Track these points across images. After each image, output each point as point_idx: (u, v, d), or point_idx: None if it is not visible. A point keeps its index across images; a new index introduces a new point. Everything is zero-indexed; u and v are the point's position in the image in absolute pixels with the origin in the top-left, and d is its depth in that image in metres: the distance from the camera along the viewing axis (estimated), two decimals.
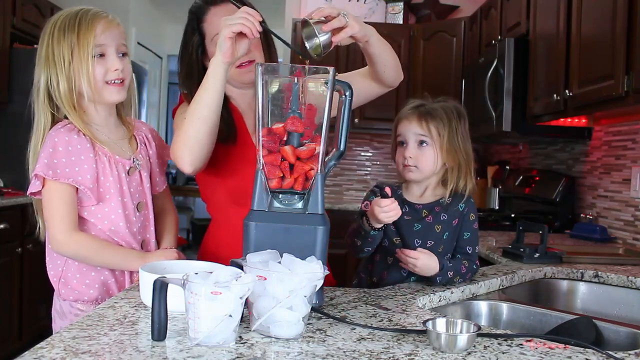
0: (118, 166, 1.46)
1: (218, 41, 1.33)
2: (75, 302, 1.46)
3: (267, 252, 1.09)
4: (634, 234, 2.48)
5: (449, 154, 1.51)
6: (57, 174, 1.35)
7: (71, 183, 1.37)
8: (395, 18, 4.58)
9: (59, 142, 1.37)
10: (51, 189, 1.37)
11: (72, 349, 0.90)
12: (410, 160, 1.52)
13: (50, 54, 1.40)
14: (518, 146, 3.80)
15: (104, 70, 1.41)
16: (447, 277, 1.45)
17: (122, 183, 1.46)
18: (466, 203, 1.55)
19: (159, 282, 0.96)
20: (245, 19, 1.29)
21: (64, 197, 1.37)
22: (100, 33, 1.40)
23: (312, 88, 1.22)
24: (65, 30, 1.39)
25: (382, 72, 1.57)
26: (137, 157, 1.52)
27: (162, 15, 6.43)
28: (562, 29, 2.48)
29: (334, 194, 4.82)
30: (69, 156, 1.37)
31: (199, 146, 1.39)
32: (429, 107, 1.54)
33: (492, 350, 0.99)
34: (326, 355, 0.93)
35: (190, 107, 1.39)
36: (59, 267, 1.46)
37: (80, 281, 1.45)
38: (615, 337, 1.36)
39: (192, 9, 1.61)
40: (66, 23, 1.40)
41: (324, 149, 1.18)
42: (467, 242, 1.54)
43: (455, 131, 1.52)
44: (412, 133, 1.53)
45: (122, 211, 1.45)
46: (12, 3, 3.79)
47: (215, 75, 1.35)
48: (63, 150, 1.37)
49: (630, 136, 2.55)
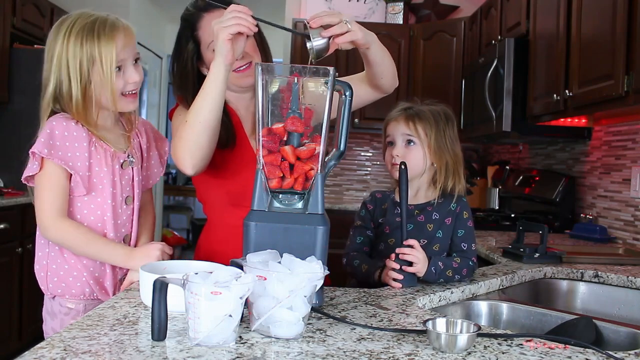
0: (113, 159, 1.47)
1: (216, 46, 1.32)
2: (62, 297, 1.47)
3: (267, 252, 1.09)
4: (634, 234, 2.48)
5: (437, 154, 1.56)
6: (51, 154, 1.38)
7: (64, 166, 1.39)
8: (395, 18, 4.58)
9: (56, 126, 1.40)
10: (45, 172, 1.39)
11: (72, 349, 0.90)
12: (397, 159, 1.56)
13: (64, 59, 1.40)
14: (518, 146, 3.80)
15: (122, 84, 1.43)
16: (439, 267, 1.46)
17: (114, 175, 1.47)
18: (458, 202, 1.58)
19: (159, 282, 0.96)
20: (238, 17, 1.28)
21: (55, 181, 1.39)
22: (121, 47, 1.41)
23: (312, 88, 1.22)
24: (83, 38, 1.39)
25: (380, 78, 1.58)
26: (131, 153, 1.53)
27: (162, 15, 6.43)
28: (562, 28, 2.48)
29: (334, 194, 4.82)
30: (64, 141, 1.40)
31: (200, 150, 1.40)
32: (416, 109, 1.59)
33: (492, 350, 0.99)
34: (326, 355, 0.93)
35: (192, 112, 1.39)
36: (43, 261, 1.48)
37: (67, 274, 1.46)
38: (615, 337, 1.36)
39: (185, 17, 1.59)
40: (84, 31, 1.39)
41: (324, 149, 1.18)
42: (461, 239, 1.57)
43: (443, 133, 1.57)
44: (400, 133, 1.58)
45: (111, 202, 1.46)
46: (12, 3, 3.79)
47: (216, 80, 1.35)
48: (59, 135, 1.40)
49: (630, 136, 2.55)
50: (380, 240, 1.61)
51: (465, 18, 4.17)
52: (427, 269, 1.44)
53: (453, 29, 4.24)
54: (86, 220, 1.46)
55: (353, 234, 1.65)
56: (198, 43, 1.57)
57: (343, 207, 4.19)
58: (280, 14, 4.92)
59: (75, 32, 1.40)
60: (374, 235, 1.63)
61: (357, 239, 1.63)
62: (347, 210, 4.10)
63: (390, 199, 1.64)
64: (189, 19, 1.57)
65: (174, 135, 1.53)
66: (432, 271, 1.44)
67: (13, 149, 3.94)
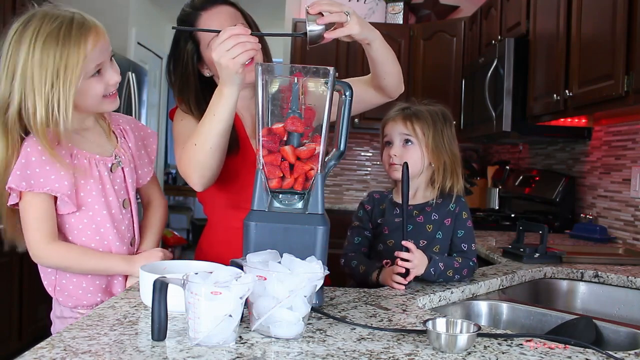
0: (99, 165, 1.42)
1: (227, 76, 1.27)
2: (75, 308, 1.45)
3: (267, 252, 1.09)
4: (634, 234, 2.48)
5: (434, 154, 1.55)
6: (31, 185, 1.31)
7: (47, 192, 1.33)
8: (395, 18, 4.58)
9: (31, 152, 1.31)
10: (27, 201, 1.33)
11: (72, 349, 0.90)
12: (395, 158, 1.56)
13: (30, 74, 1.26)
14: (518, 146, 3.80)
15: (103, 87, 1.35)
16: (439, 268, 1.45)
17: (104, 182, 1.42)
18: (457, 202, 1.58)
19: (159, 282, 0.96)
20: (243, 44, 1.24)
21: (40, 207, 1.33)
22: (91, 49, 1.29)
23: (312, 88, 1.22)
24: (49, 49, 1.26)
25: (383, 78, 1.56)
26: (118, 154, 1.47)
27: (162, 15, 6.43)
28: (562, 28, 2.48)
29: (334, 194, 4.82)
30: (43, 166, 1.32)
31: (210, 170, 1.41)
32: (414, 109, 1.59)
33: (492, 350, 0.99)
34: (326, 355, 0.93)
35: (201, 135, 1.36)
36: (51, 276, 1.44)
37: (77, 287, 1.43)
38: (615, 337, 1.36)
39: (182, 17, 1.55)
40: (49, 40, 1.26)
41: (324, 149, 1.18)
42: (461, 239, 1.57)
43: (441, 132, 1.56)
44: (398, 133, 1.57)
45: (108, 211, 1.41)
46: (11, 3, 3.79)
47: (228, 105, 1.32)
48: (37, 160, 1.31)
49: (630, 136, 2.55)
50: (379, 241, 1.61)
51: (465, 18, 4.17)
52: (427, 270, 1.43)
53: (453, 29, 4.24)
54: (81, 238, 1.40)
55: (351, 235, 1.64)
56: (197, 43, 1.55)
57: (343, 207, 4.19)
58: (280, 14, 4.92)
59: (42, 40, 1.26)
60: (373, 235, 1.63)
61: (355, 239, 1.62)
62: (347, 210, 4.10)
63: (389, 199, 1.63)
64: (187, 20, 1.54)
65: (178, 144, 1.52)
66: (432, 272, 1.44)
67: None
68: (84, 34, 1.29)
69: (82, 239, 1.41)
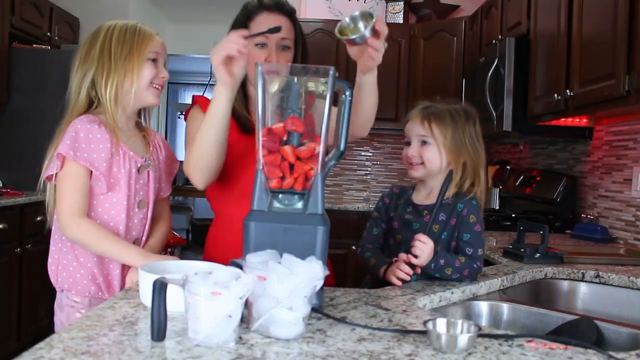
0: (131, 162, 1.54)
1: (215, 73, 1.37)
2: (69, 291, 1.53)
3: (267, 252, 1.09)
4: (635, 234, 2.48)
5: (453, 154, 1.54)
6: (77, 156, 1.45)
7: (88, 166, 1.46)
8: (396, 17, 4.58)
9: (80, 129, 1.47)
10: (67, 172, 1.46)
11: (71, 350, 0.89)
12: (412, 158, 1.56)
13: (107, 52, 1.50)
14: (519, 146, 3.80)
15: (154, 73, 1.54)
16: (440, 264, 1.46)
17: (131, 177, 1.54)
18: (465, 203, 1.54)
19: (158, 283, 0.95)
20: (227, 42, 1.35)
21: (77, 181, 1.46)
22: (157, 44, 1.56)
23: (312, 88, 1.22)
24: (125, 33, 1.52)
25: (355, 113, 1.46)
26: (149, 158, 1.60)
27: (162, 15, 6.43)
28: (563, 28, 2.47)
29: (334, 194, 4.82)
30: (88, 142, 1.47)
31: (208, 169, 1.48)
32: (434, 109, 1.58)
33: (493, 350, 0.99)
34: (326, 355, 0.93)
35: (201, 133, 1.44)
36: (55, 255, 1.55)
37: (75, 270, 1.53)
38: (616, 338, 1.35)
39: (247, 5, 1.65)
40: (125, 29, 1.53)
41: (324, 148, 1.18)
42: (466, 243, 1.52)
43: (462, 132, 1.55)
44: (415, 134, 1.58)
45: (126, 204, 1.53)
46: (10, 3, 3.79)
47: (219, 104, 1.40)
48: (84, 137, 1.47)
49: (632, 136, 2.54)
50: (390, 235, 1.62)
51: (466, 17, 4.17)
52: (427, 263, 1.44)
53: (453, 29, 4.24)
54: (99, 219, 1.51)
55: (370, 226, 1.67)
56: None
57: (343, 207, 4.18)
58: None
59: (118, 31, 1.53)
60: (386, 229, 1.64)
61: (373, 230, 1.65)
62: (347, 210, 4.10)
63: (407, 196, 1.63)
64: (249, 8, 1.64)
65: (188, 142, 1.58)
66: (432, 267, 1.45)
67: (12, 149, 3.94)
68: (148, 31, 1.57)
69: (104, 218, 1.52)
